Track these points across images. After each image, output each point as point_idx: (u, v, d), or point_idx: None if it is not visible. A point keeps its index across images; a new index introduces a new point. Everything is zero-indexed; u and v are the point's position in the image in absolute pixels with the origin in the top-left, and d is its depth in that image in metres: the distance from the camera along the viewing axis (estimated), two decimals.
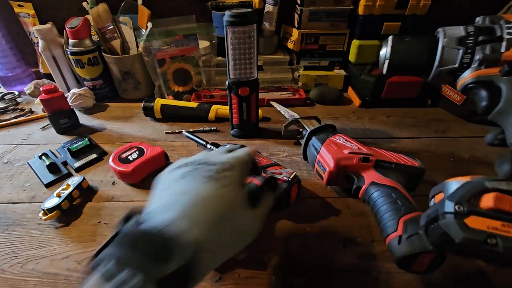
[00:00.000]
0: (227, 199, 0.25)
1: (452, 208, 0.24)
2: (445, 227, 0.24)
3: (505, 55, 0.29)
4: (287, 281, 0.36)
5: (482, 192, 0.24)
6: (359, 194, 0.43)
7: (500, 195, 0.23)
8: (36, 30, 0.72)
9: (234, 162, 0.29)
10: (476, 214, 0.23)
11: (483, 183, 0.24)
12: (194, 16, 0.74)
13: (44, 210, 0.43)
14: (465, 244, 0.23)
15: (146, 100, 0.71)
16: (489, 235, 0.22)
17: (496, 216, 0.23)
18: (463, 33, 0.31)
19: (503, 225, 0.23)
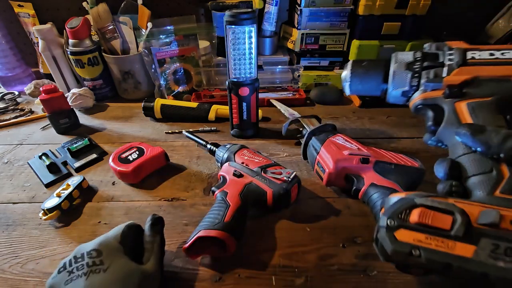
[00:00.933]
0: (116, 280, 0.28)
1: (385, 223, 0.26)
2: (380, 239, 0.26)
3: (446, 80, 0.32)
4: (287, 281, 0.36)
5: (411, 208, 0.26)
6: (359, 195, 0.43)
7: (424, 211, 0.25)
8: (36, 30, 0.72)
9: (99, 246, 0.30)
10: (405, 228, 0.26)
11: (413, 199, 0.26)
12: (194, 16, 0.74)
13: (44, 210, 0.43)
14: (394, 255, 0.25)
15: (146, 100, 0.71)
16: (413, 247, 0.24)
17: (421, 230, 0.25)
18: (411, 58, 0.35)
19: (426, 237, 0.25)
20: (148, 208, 0.47)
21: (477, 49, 0.32)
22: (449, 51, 0.33)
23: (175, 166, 0.56)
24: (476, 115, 0.31)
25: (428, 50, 0.35)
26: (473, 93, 0.32)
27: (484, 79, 0.31)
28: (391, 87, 0.36)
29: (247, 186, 0.43)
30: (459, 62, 0.32)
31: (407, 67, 0.35)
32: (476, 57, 0.32)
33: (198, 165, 0.56)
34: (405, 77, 0.35)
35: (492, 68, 0.31)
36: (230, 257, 0.38)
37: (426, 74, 0.33)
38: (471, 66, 0.32)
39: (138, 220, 0.44)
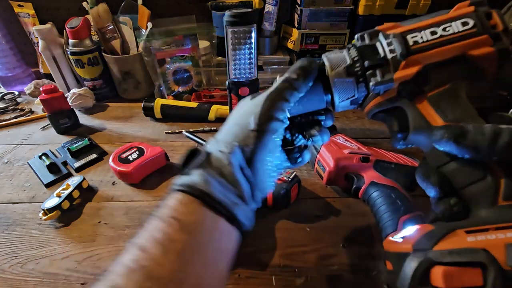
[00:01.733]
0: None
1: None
2: None
3: (396, 78, 0.27)
4: (287, 281, 0.36)
5: (429, 267, 0.21)
6: (359, 194, 0.43)
7: (447, 272, 0.20)
8: (36, 30, 0.72)
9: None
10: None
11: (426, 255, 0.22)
12: (194, 16, 0.74)
13: (44, 210, 0.43)
14: None
15: (146, 100, 0.71)
16: None
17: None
18: (348, 60, 0.28)
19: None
20: (148, 208, 0.47)
21: (416, 29, 0.27)
22: (386, 39, 0.27)
23: (175, 166, 0.56)
24: (442, 111, 0.26)
25: (362, 43, 0.29)
26: (430, 85, 0.27)
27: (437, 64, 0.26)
28: (337, 99, 0.29)
29: None
30: (403, 53, 0.26)
31: (347, 73, 0.28)
32: (419, 40, 0.26)
33: None
34: (349, 84, 0.28)
35: (442, 50, 0.26)
36: None
37: (372, 76, 0.27)
38: (418, 54, 0.26)
39: (137, 221, 0.45)
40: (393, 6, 0.72)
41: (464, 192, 0.24)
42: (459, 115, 0.26)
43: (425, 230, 0.23)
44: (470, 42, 0.25)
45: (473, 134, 0.23)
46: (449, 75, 0.27)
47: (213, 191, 0.23)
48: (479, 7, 0.26)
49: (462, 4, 0.27)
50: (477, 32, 0.25)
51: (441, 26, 0.26)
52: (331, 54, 0.30)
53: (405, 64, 0.26)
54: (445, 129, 0.24)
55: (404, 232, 0.25)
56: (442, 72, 0.27)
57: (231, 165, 0.25)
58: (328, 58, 0.29)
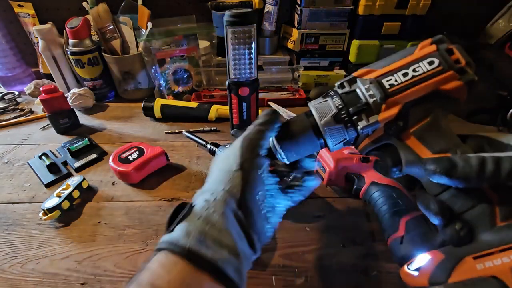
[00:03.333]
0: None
1: None
2: None
3: (381, 119, 0.29)
4: (287, 281, 0.36)
5: None
6: (360, 194, 0.43)
7: None
8: (36, 30, 0.72)
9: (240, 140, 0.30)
10: None
11: None
12: (194, 16, 0.74)
13: (44, 210, 0.43)
14: None
15: (146, 100, 0.71)
16: None
17: None
18: (334, 109, 0.30)
19: None
20: (148, 208, 0.47)
21: (388, 73, 0.29)
22: (364, 86, 0.29)
23: (175, 166, 0.56)
24: (428, 143, 0.28)
25: (343, 91, 0.31)
26: (412, 121, 0.29)
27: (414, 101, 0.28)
28: (330, 143, 0.31)
29: None
30: (382, 96, 0.28)
31: (335, 121, 0.30)
32: (394, 83, 0.28)
33: (198, 165, 0.56)
34: (339, 130, 0.31)
35: (416, 89, 0.28)
36: None
37: (358, 120, 0.30)
38: (396, 96, 0.28)
39: (137, 221, 0.45)
40: (393, 6, 0.72)
41: (465, 217, 0.26)
42: (444, 145, 0.28)
43: (437, 260, 0.25)
44: (439, 79, 0.28)
45: (462, 166, 0.24)
46: (428, 109, 0.29)
47: (195, 244, 0.22)
48: (440, 44, 0.29)
49: (425, 43, 0.30)
50: (443, 70, 0.28)
51: (410, 68, 0.29)
52: (317, 103, 0.32)
53: (386, 106, 0.29)
54: (436, 163, 0.25)
55: (418, 262, 0.26)
56: (421, 108, 0.29)
57: (217, 213, 0.24)
58: (315, 108, 0.32)
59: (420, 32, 0.76)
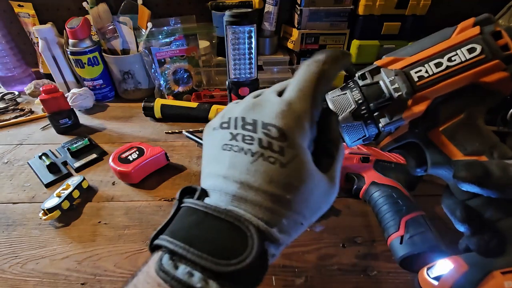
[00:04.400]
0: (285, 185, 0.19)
1: None
2: None
3: (405, 116, 0.25)
4: (287, 281, 0.36)
5: None
6: (360, 194, 0.43)
7: None
8: (36, 30, 0.72)
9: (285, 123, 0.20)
10: None
11: None
12: (194, 16, 0.74)
13: (44, 210, 0.43)
14: None
15: (146, 100, 0.71)
16: None
17: None
18: (352, 105, 0.27)
19: None
20: (148, 208, 0.47)
21: (417, 62, 0.25)
22: (388, 78, 0.25)
23: (175, 166, 0.56)
24: (460, 143, 0.24)
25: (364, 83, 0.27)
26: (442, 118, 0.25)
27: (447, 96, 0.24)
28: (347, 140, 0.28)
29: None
30: (409, 91, 0.24)
31: (354, 117, 0.27)
32: (425, 75, 0.24)
33: (198, 165, 0.56)
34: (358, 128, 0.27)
35: (450, 83, 0.24)
36: None
37: (379, 117, 0.26)
38: (425, 90, 0.24)
39: (137, 221, 0.45)
40: (393, 6, 0.72)
41: (495, 227, 0.23)
42: (479, 146, 0.24)
43: (459, 272, 0.22)
44: (480, 70, 0.23)
45: (497, 176, 0.20)
46: (462, 104, 0.25)
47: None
48: (485, 26, 0.24)
49: (466, 23, 0.25)
50: (486, 59, 0.23)
51: (445, 56, 0.24)
52: (334, 95, 0.28)
53: (412, 101, 0.25)
54: (467, 170, 0.22)
55: (439, 269, 0.23)
56: (454, 103, 0.25)
57: None
58: (332, 102, 0.28)
59: (420, 32, 0.76)
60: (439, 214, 0.43)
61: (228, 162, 0.20)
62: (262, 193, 0.19)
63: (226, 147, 0.21)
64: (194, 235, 0.18)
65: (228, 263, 0.16)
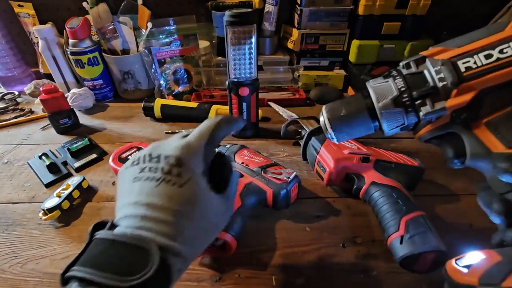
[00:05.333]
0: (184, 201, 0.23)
1: None
2: None
3: (449, 106, 0.25)
4: (287, 281, 0.36)
5: None
6: (360, 194, 0.43)
7: None
8: (36, 30, 0.72)
9: (182, 153, 0.24)
10: None
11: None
12: (194, 16, 0.74)
13: (44, 210, 0.43)
14: None
15: (146, 100, 0.71)
16: None
17: None
18: (395, 91, 0.27)
19: None
20: None
21: (466, 53, 0.24)
22: (434, 67, 0.25)
23: None
24: (503, 136, 0.24)
25: (408, 71, 0.27)
26: (487, 110, 0.25)
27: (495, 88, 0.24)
28: (385, 127, 0.28)
29: (247, 186, 0.43)
30: (455, 81, 0.24)
31: (395, 104, 0.27)
32: (473, 66, 0.24)
33: None
34: (397, 115, 0.27)
35: (499, 74, 0.23)
36: (230, 257, 0.38)
37: (421, 105, 0.26)
38: (472, 81, 0.24)
39: None
40: (393, 6, 0.72)
41: None
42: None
43: (492, 261, 0.22)
44: None
45: None
46: (509, 98, 0.24)
47: None
48: None
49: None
50: None
51: (497, 48, 0.24)
52: (376, 83, 0.28)
53: (457, 92, 0.25)
54: (508, 162, 0.22)
55: (469, 259, 0.23)
56: (502, 96, 0.24)
57: None
58: (373, 89, 0.28)
59: (420, 32, 0.76)
60: (439, 214, 0.43)
61: (137, 191, 0.24)
62: (165, 210, 0.22)
63: (135, 179, 0.24)
64: (101, 262, 0.20)
65: (132, 278, 0.18)
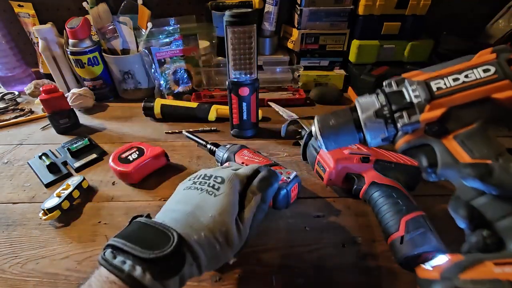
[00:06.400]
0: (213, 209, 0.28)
1: None
2: None
3: (422, 119, 0.29)
4: (287, 281, 0.36)
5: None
6: (360, 194, 0.43)
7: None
8: (36, 30, 0.72)
9: (227, 176, 0.31)
10: None
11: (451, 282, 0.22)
12: (194, 16, 0.74)
13: (44, 210, 0.43)
14: None
15: (146, 100, 0.71)
16: None
17: None
18: (377, 105, 0.31)
19: None
20: (148, 208, 0.47)
21: (439, 77, 0.29)
22: (411, 86, 0.30)
23: (175, 166, 0.56)
24: (469, 149, 0.27)
25: (390, 90, 0.31)
26: (456, 125, 0.28)
27: (461, 106, 0.28)
28: (369, 137, 0.32)
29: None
30: (427, 98, 0.28)
31: (377, 115, 0.31)
32: (443, 86, 0.28)
33: (198, 165, 0.56)
34: (379, 125, 0.31)
35: (465, 95, 0.28)
36: None
37: (399, 118, 0.30)
38: (442, 98, 0.28)
39: None
40: (393, 6, 0.72)
41: (495, 226, 0.25)
42: (486, 153, 0.26)
43: (454, 260, 0.24)
44: (491, 87, 0.27)
45: (498, 172, 0.23)
46: (475, 115, 0.28)
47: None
48: (502, 54, 0.28)
49: (485, 51, 0.29)
50: (498, 78, 0.27)
51: (463, 73, 0.28)
52: (362, 98, 0.33)
53: (430, 107, 0.29)
54: (471, 167, 0.25)
55: (436, 261, 0.26)
56: (468, 113, 0.28)
57: None
58: (359, 103, 0.33)
59: (420, 32, 0.76)
60: (439, 214, 0.43)
61: (181, 195, 0.31)
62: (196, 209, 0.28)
63: (186, 188, 0.32)
64: (132, 236, 0.25)
65: (152, 252, 0.23)
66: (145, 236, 0.25)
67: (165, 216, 0.28)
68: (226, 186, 0.30)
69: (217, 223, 0.27)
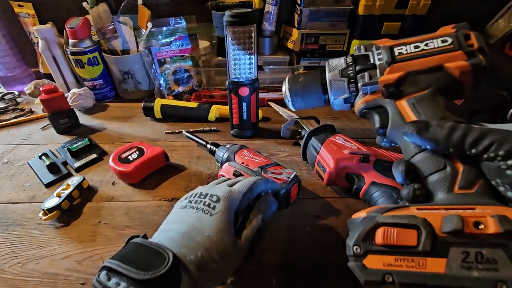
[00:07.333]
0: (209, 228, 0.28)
1: (352, 251, 0.25)
2: (352, 270, 0.25)
3: (381, 80, 0.31)
4: (287, 281, 0.36)
5: (375, 228, 0.24)
6: (360, 194, 0.43)
7: (387, 230, 0.23)
8: (36, 30, 0.72)
9: (223, 194, 0.31)
10: (372, 253, 0.24)
11: (374, 219, 0.25)
12: (194, 16, 0.74)
13: (44, 210, 0.43)
14: (368, 286, 0.24)
15: (146, 100, 0.71)
16: (385, 273, 0.23)
17: (389, 252, 0.23)
18: (343, 65, 0.34)
19: (396, 259, 0.23)
20: (148, 208, 0.47)
21: (402, 44, 0.32)
22: (377, 50, 0.33)
23: (175, 166, 0.56)
24: (418, 111, 0.30)
25: (358, 53, 0.34)
26: (410, 89, 0.31)
27: (417, 72, 0.31)
28: (331, 96, 0.35)
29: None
30: (389, 60, 0.31)
31: (341, 74, 0.34)
32: (404, 52, 0.32)
33: (198, 165, 0.56)
34: (342, 84, 0.34)
35: (422, 61, 0.31)
36: None
37: (361, 78, 0.33)
38: (401, 63, 0.31)
39: (137, 221, 0.45)
40: (393, 6, 0.72)
41: (427, 181, 0.27)
42: (431, 116, 0.30)
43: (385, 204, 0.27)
44: (446, 56, 0.30)
45: (433, 128, 0.26)
46: (428, 82, 0.31)
47: None
48: (461, 29, 0.31)
49: (447, 27, 0.32)
50: (453, 48, 0.30)
51: (423, 42, 0.32)
52: (333, 60, 0.36)
53: (389, 70, 0.32)
54: (412, 123, 0.28)
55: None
56: (423, 79, 0.31)
57: None
58: (329, 63, 0.35)
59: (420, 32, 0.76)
60: None
61: (177, 214, 0.31)
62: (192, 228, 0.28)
63: (182, 207, 0.32)
64: (127, 257, 0.25)
65: (147, 273, 0.23)
66: (141, 257, 0.25)
67: (161, 236, 0.28)
68: (222, 205, 0.30)
69: (214, 242, 0.27)
